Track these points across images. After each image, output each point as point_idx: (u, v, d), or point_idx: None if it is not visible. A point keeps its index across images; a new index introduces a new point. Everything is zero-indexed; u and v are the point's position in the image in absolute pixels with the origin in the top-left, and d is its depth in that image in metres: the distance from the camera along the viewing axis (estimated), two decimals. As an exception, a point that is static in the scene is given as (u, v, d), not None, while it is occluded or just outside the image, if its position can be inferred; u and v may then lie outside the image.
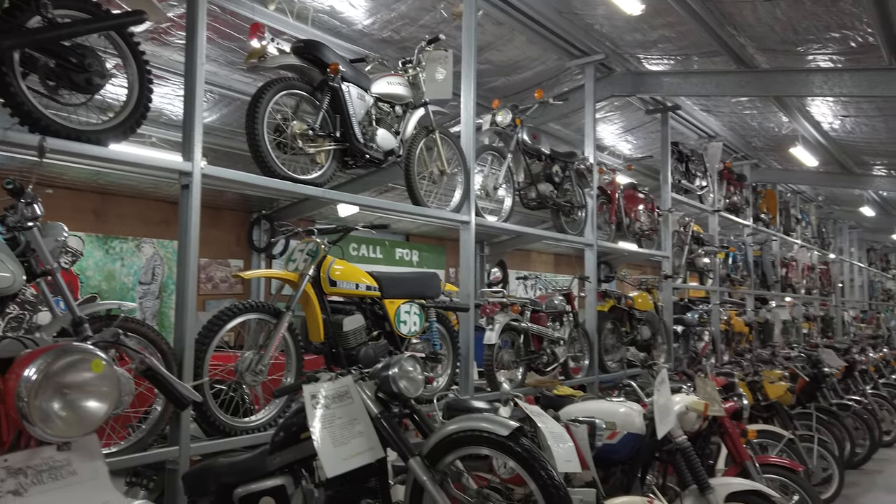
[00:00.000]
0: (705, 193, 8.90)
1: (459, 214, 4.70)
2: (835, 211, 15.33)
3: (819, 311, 13.64)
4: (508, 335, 5.23)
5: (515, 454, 2.19)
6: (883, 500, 6.16)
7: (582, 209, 6.30)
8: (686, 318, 8.32)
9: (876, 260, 21.05)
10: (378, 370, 2.39)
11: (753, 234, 10.60)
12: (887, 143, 9.33)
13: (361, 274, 3.91)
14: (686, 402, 3.83)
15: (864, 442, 7.10)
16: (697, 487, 3.57)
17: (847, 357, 8.17)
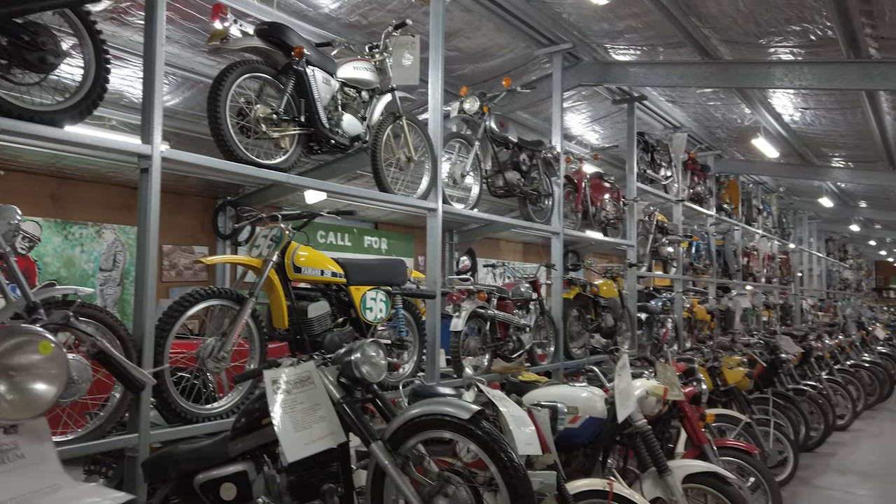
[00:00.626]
0: (670, 183, 9.04)
1: (426, 202, 4.70)
2: (795, 202, 15.71)
3: (779, 300, 13.98)
4: (475, 322, 5.26)
5: (476, 437, 2.21)
6: (836, 481, 6.38)
7: (549, 198, 6.34)
8: (650, 306, 8.47)
9: (834, 250, 21.67)
10: (340, 355, 2.39)
11: (716, 224, 10.82)
12: (845, 135, 9.59)
13: (327, 260, 3.89)
14: (646, 386, 3.92)
15: (819, 426, 7.34)
16: (656, 469, 3.66)
17: (804, 344, 8.41)
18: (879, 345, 13.16)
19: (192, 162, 3.20)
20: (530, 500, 2.17)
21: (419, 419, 2.29)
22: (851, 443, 7.93)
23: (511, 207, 8.66)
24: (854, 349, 11.22)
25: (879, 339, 13.69)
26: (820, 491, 6.00)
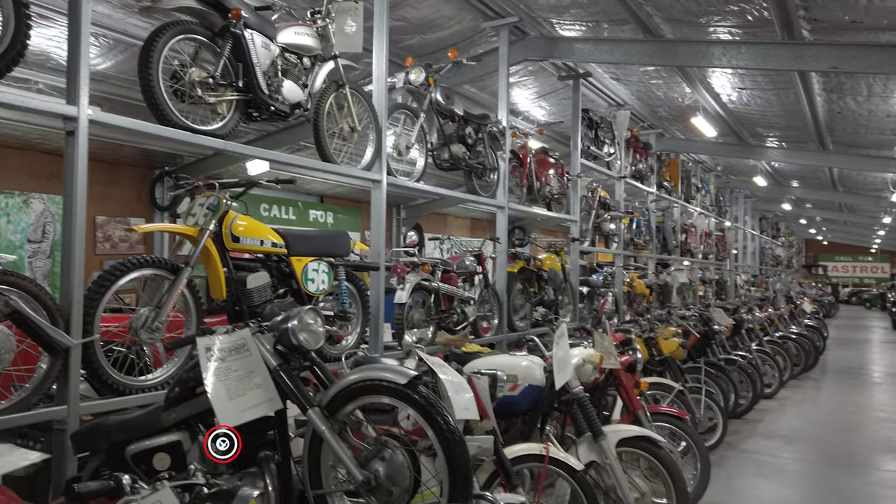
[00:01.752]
0: (613, 160, 9.20)
1: (370, 173, 4.65)
2: (731, 180, 16.25)
3: (714, 275, 14.51)
4: (419, 295, 5.28)
5: (413, 402, 2.23)
6: (762, 445, 6.74)
7: (494, 172, 6.37)
8: (591, 280, 8.66)
9: (767, 228, 22.58)
10: (277, 323, 2.36)
11: (656, 201, 11.09)
12: (779, 115, 9.94)
13: (267, 230, 3.82)
14: (583, 355, 4.03)
15: (748, 394, 7.71)
16: (591, 434, 3.79)
17: (735, 316, 8.80)
18: (806, 318, 13.87)
19: (122, 125, 3.08)
20: (466, 463, 2.21)
21: (356, 385, 2.30)
22: (777, 410, 8.37)
23: (458, 182, 8.68)
24: (783, 322, 11.80)
25: (807, 313, 14.43)
26: (747, 454, 6.33)
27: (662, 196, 11.31)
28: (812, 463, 6.21)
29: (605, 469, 3.73)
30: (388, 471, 2.22)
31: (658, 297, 10.71)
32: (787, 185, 17.33)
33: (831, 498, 5.27)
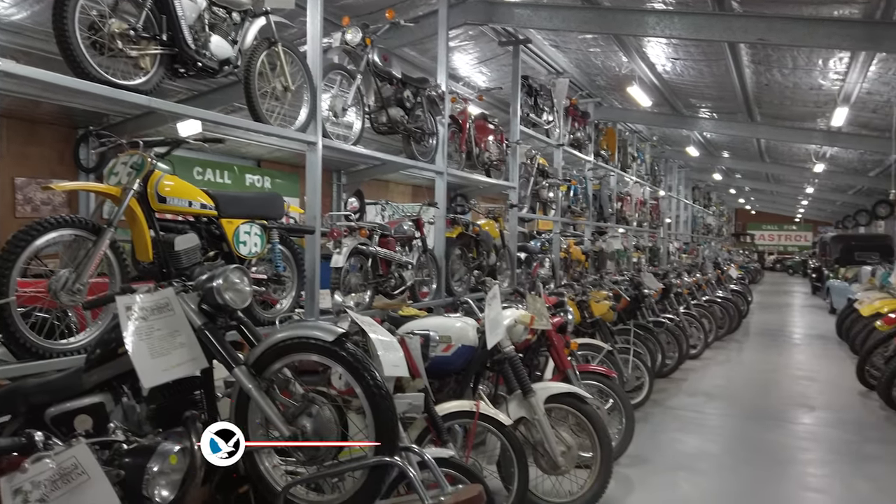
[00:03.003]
0: (551, 128, 9.30)
1: (305, 135, 4.57)
2: (666, 150, 16.71)
3: (648, 243, 14.98)
4: (357, 259, 5.27)
5: (340, 359, 2.25)
6: (685, 402, 7.09)
7: (433, 137, 6.36)
8: (529, 246, 8.83)
9: (699, 197, 23.38)
10: (202, 282, 2.33)
11: (594, 170, 11.31)
12: (711, 86, 10.24)
13: (196, 191, 3.72)
14: (515, 315, 4.13)
15: (674, 354, 8.07)
16: (521, 392, 3.91)
17: (665, 281, 9.14)
18: (732, 283, 14.52)
19: (35, 77, 2.92)
20: (392, 417, 2.25)
21: (284, 343, 2.30)
22: (701, 369, 8.80)
23: (400, 149, 8.63)
24: (710, 287, 12.32)
25: (733, 278, 15.10)
26: (671, 411, 6.65)
27: (600, 165, 11.54)
28: (732, 418, 6.58)
29: (534, 424, 3.87)
30: (316, 426, 2.25)
31: (594, 263, 11.00)
32: (718, 156, 17.94)
33: (748, 449, 5.61)
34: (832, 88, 9.33)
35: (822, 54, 8.10)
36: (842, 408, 7.00)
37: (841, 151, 14.46)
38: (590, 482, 3.98)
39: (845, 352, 9.91)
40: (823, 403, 7.21)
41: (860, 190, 20.70)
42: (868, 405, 7.02)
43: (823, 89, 9.45)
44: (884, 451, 5.46)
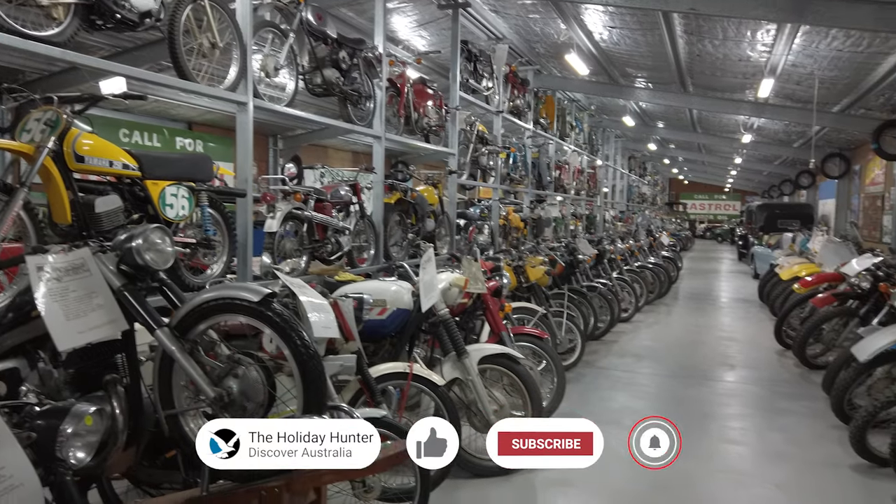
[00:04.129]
0: (491, 94, 9.29)
1: (235, 94, 4.43)
2: (604, 120, 16.98)
3: (585, 211, 15.30)
4: (292, 224, 5.19)
5: (267, 319, 2.23)
6: (615, 362, 7.36)
7: (370, 100, 6.26)
8: (468, 213, 8.87)
9: (635, 167, 23.94)
10: (120, 242, 2.25)
11: (533, 137, 11.40)
12: (646, 56, 10.42)
13: (117, 151, 3.56)
14: (449, 279, 4.17)
15: (606, 318, 8.34)
16: (455, 353, 3.97)
17: (599, 247, 9.38)
18: (664, 250, 15.04)
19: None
20: (320, 377, 2.25)
21: (208, 304, 2.26)
22: (632, 331, 9.13)
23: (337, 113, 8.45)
24: (642, 253, 12.73)
25: (664, 245, 15.64)
26: (602, 371, 6.90)
27: (539, 133, 11.63)
28: (659, 377, 6.88)
29: (468, 385, 3.95)
30: (242, 387, 2.23)
31: (532, 230, 11.17)
32: (653, 126, 18.36)
33: (673, 405, 5.89)
34: (759, 60, 9.65)
35: (750, 26, 8.34)
36: (760, 366, 7.42)
37: (768, 123, 15.03)
38: (521, 439, 4.10)
39: (766, 314, 10.45)
40: (743, 362, 7.62)
41: (785, 160, 21.62)
42: (784, 363, 7.46)
43: (751, 61, 9.76)
44: (795, 406, 5.82)
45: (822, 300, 6.74)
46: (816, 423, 5.29)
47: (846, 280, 6.70)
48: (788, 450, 4.78)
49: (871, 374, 4.94)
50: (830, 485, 4.19)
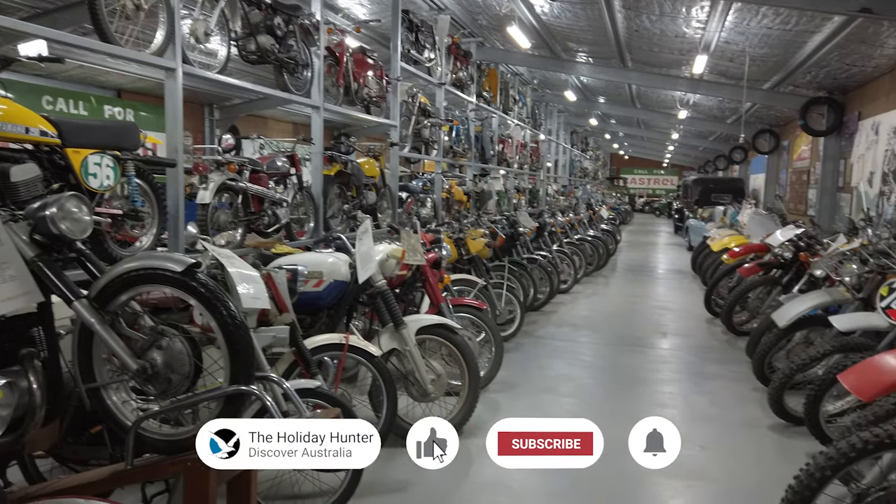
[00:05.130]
0: (433, 66, 9.22)
1: (163, 60, 4.25)
2: (546, 94, 17.10)
3: (528, 185, 15.46)
4: (227, 196, 5.06)
5: (191, 290, 2.18)
6: (553, 331, 7.54)
7: (307, 69, 6.12)
8: (410, 186, 8.84)
9: (577, 142, 24.29)
10: (33, 210, 2.15)
11: (476, 111, 11.40)
12: (586, 30, 10.51)
13: (34, 117, 3.38)
14: (387, 250, 4.16)
15: (546, 289, 8.51)
16: (393, 324, 3.99)
17: (539, 220, 9.52)
18: (603, 223, 15.38)
19: None
20: (247, 347, 2.23)
21: (129, 274, 2.19)
22: (570, 302, 9.35)
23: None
24: (582, 226, 12.99)
25: (603, 218, 15.99)
26: (541, 340, 7.06)
27: (482, 106, 11.62)
28: (595, 345, 7.09)
29: (405, 355, 3.98)
30: (166, 359, 2.18)
31: (475, 203, 11.23)
32: (594, 101, 18.61)
33: (608, 372, 6.10)
34: (694, 36, 9.87)
35: (685, 2, 8.50)
36: (690, 333, 7.73)
37: (703, 99, 15.44)
38: (458, 407, 4.18)
39: (698, 284, 10.87)
40: (675, 330, 7.92)
41: (719, 136, 22.32)
42: (712, 330, 7.79)
43: (687, 37, 9.98)
44: (722, 370, 6.11)
45: (748, 270, 7.05)
46: (740, 386, 5.56)
47: (771, 250, 7.02)
48: (713, 412, 5.02)
49: (791, 338, 5.23)
50: (750, 444, 4.43)
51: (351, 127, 9.32)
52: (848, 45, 8.79)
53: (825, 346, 4.36)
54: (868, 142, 10.46)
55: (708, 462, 4.14)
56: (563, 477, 3.58)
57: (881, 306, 4.13)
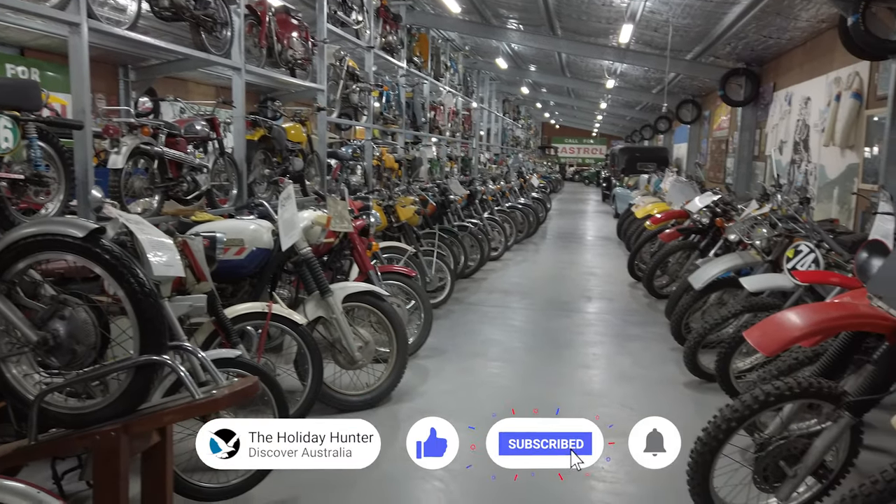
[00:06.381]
0: (361, 29, 8.99)
1: (65, 13, 3.96)
2: (478, 62, 17.03)
3: (460, 153, 15.46)
4: (144, 162, 4.81)
5: (95, 257, 2.07)
6: (484, 298, 7.63)
7: (227, 28, 5.84)
8: (339, 153, 8.67)
9: (509, 110, 24.41)
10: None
11: (406, 76, 11.23)
12: (516, -3, 10.49)
13: (-85, 73, 3.10)
14: (311, 217, 4.08)
15: (476, 256, 8.58)
16: (319, 292, 3.93)
17: (470, 188, 9.56)
18: (534, 191, 15.60)
19: None
20: (158, 317, 2.14)
21: (26, 240, 2.05)
22: (501, 269, 9.48)
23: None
24: (513, 194, 13.13)
25: (534, 187, 16.21)
26: (471, 307, 7.14)
27: (412, 72, 11.45)
28: (524, 310, 7.22)
29: (332, 323, 3.94)
30: (70, 330, 2.07)
31: (407, 171, 11.14)
32: (525, 69, 18.69)
33: (535, 336, 6.23)
34: (621, 6, 10.01)
35: (612, -29, 8.62)
36: (615, 297, 7.99)
37: (629, 68, 15.75)
38: (386, 374, 4.19)
39: (623, 250, 11.20)
40: (601, 294, 8.17)
41: (645, 106, 22.89)
42: (635, 294, 8.07)
43: (614, 6, 10.11)
44: (643, 332, 6.35)
45: (669, 235, 7.31)
46: (659, 346, 5.81)
47: (690, 217, 7.29)
48: (634, 371, 5.23)
49: (706, 300, 5.48)
50: (667, 400, 4.64)
51: (277, 91, 9.00)
52: (764, 17, 9.12)
53: (736, 306, 4.59)
54: (782, 112, 10.96)
55: (629, 419, 4.29)
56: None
57: (787, 267, 4.37)
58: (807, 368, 3.26)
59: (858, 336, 2.83)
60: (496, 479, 2.99)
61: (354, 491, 3.14)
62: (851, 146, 8.14)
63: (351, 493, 3.12)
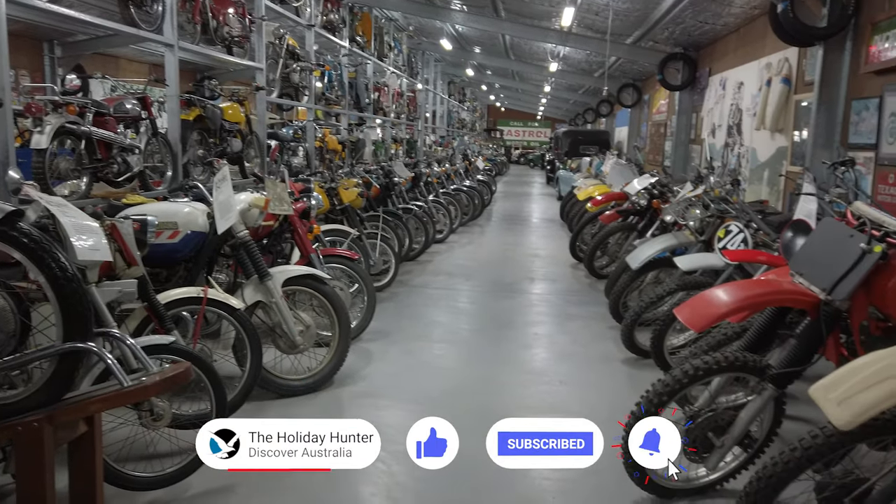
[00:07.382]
0: (302, 6, 8.77)
1: (-24, -18, 3.72)
2: (423, 42, 16.89)
3: (405, 135, 15.35)
4: (70, 142, 4.59)
5: (12, 240, 1.97)
6: (428, 280, 7.65)
7: (157, 2, 5.60)
8: (280, 134, 8.48)
9: (455, 92, 24.35)
10: None
11: (349, 56, 11.04)
12: (459, -22, 10.43)
13: None
14: (249, 199, 3.99)
15: (421, 239, 8.58)
16: (258, 276, 3.85)
17: (415, 170, 9.52)
18: (479, 174, 15.67)
19: None
20: (81, 303, 2.06)
21: (-67, 226, 1.93)
22: (446, 251, 9.52)
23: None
24: (458, 176, 13.16)
25: (480, 169, 16.29)
26: (415, 289, 7.14)
27: (355, 51, 11.27)
28: (468, 292, 7.28)
29: (271, 307, 3.87)
30: (-15, 318, 1.97)
31: (351, 153, 11.00)
32: (470, 51, 18.66)
33: (479, 317, 6.29)
34: (564, -12, 10.11)
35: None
36: (557, 278, 8.13)
37: (572, 52, 15.92)
38: (328, 358, 4.16)
39: (565, 232, 11.39)
40: (543, 276, 8.30)
41: (588, 90, 23.22)
42: (576, 275, 8.24)
43: (557, -11, 10.21)
44: (583, 311, 6.49)
45: (608, 217, 7.47)
46: (598, 325, 5.95)
47: (628, 198, 7.46)
48: (573, 349, 5.35)
49: (643, 280, 5.64)
50: (604, 376, 4.77)
51: (215, 70, 8.71)
52: (700, 2, 9.35)
53: (670, 285, 4.74)
54: (717, 96, 11.30)
55: (567, 395, 4.42)
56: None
57: (718, 247, 4.54)
58: (735, 344, 3.40)
59: (782, 311, 2.97)
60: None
61: (289, 477, 3.11)
62: (781, 130, 8.48)
63: (286, 480, 3.09)
